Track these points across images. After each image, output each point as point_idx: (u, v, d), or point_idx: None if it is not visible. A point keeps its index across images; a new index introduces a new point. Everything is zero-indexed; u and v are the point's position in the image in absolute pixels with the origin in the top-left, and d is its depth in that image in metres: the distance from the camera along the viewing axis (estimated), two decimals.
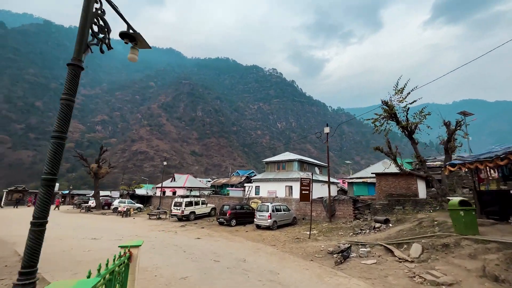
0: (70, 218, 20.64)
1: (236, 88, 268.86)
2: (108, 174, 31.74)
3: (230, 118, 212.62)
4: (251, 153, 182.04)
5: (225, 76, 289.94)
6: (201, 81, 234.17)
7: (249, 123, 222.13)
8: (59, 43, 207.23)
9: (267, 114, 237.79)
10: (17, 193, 30.98)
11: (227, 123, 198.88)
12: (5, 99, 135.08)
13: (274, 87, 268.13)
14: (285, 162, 22.92)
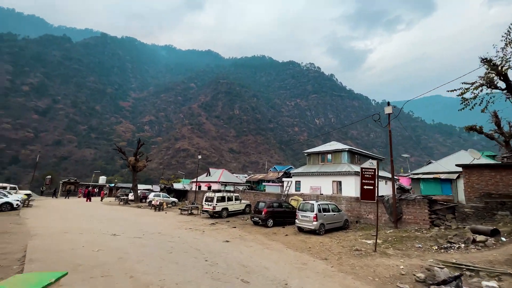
0: (106, 210, 20.72)
1: (273, 85, 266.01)
2: (146, 167, 32.15)
3: (267, 115, 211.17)
4: (288, 150, 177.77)
5: (261, 74, 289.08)
6: (238, 80, 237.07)
7: (286, 120, 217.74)
8: (113, 52, 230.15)
9: (304, 110, 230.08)
10: (70, 185, 33.99)
11: (263, 120, 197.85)
12: (72, 104, 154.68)
13: (312, 82, 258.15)
14: (332, 152, 19.46)
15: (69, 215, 16.62)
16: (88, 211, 19.33)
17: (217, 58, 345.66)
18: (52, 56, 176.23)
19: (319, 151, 20.34)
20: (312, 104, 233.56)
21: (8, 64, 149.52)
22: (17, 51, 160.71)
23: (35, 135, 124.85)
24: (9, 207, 17.57)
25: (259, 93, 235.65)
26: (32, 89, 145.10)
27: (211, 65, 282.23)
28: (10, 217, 14.29)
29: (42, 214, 16.39)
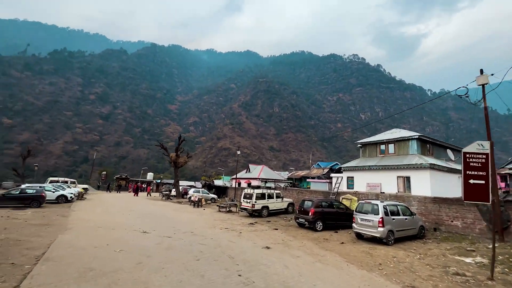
0: (148, 205, 20.81)
1: (313, 81, 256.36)
2: (192, 166, 32.71)
3: (307, 112, 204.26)
4: (331, 147, 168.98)
5: (301, 70, 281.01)
6: (276, 77, 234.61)
7: (327, 116, 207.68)
8: (161, 60, 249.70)
9: (348, 105, 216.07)
10: (121, 180, 36.75)
11: (304, 117, 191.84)
12: (128, 109, 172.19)
13: (356, 75, 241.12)
14: (395, 141, 15.76)
15: (113, 208, 16.95)
16: (131, 205, 19.72)
17: (255, 58, 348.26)
18: (112, 67, 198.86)
19: (378, 140, 16.92)
20: (356, 98, 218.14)
21: (78, 77, 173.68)
22: (85, 65, 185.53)
23: (100, 137, 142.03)
24: (64, 199, 18.81)
25: (299, 90, 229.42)
26: (97, 98, 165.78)
27: (250, 65, 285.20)
28: (60, 209, 15.06)
29: (89, 207, 17.05)
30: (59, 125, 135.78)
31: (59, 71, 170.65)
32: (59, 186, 21.49)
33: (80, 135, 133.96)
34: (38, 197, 15.69)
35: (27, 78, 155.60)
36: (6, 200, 14.99)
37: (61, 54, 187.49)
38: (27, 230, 8.76)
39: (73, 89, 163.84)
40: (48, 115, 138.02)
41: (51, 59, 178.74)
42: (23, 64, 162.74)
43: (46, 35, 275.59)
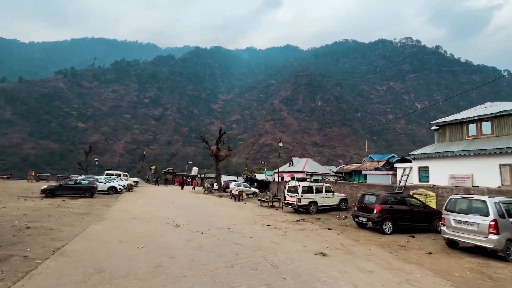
0: (189, 197, 20.78)
1: (358, 70, 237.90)
2: (230, 158, 32.28)
3: (353, 104, 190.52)
4: (381, 141, 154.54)
5: (345, 60, 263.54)
6: (318, 70, 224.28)
7: (376, 107, 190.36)
8: (205, 62, 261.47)
9: (400, 94, 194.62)
10: (169, 174, 38.56)
11: (349, 110, 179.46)
12: (177, 110, 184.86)
13: (409, 60, 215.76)
14: (493, 118, 11.71)
15: (155, 200, 17.11)
16: (174, 197, 19.87)
17: (295, 51, 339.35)
18: (162, 72, 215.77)
19: (465, 118, 12.91)
20: (410, 85, 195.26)
21: (134, 83, 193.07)
22: (139, 73, 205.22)
23: (154, 137, 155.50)
24: (114, 190, 19.84)
25: (343, 81, 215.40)
26: (150, 101, 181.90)
27: (290, 59, 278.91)
28: (108, 200, 15.64)
29: (133, 198, 17.51)
30: (120, 127, 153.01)
31: (119, 79, 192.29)
32: (111, 178, 22.74)
33: (138, 135, 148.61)
34: (90, 188, 16.49)
35: (95, 87, 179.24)
36: (63, 189, 16.07)
37: (120, 64, 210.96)
38: (66, 219, 8.65)
39: (131, 94, 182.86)
40: (112, 118, 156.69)
41: (112, 69, 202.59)
42: (92, 75, 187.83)
43: (109, 49, 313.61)
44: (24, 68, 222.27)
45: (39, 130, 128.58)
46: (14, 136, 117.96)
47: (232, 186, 23.95)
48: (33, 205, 11.83)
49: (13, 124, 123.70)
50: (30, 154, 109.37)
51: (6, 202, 12.76)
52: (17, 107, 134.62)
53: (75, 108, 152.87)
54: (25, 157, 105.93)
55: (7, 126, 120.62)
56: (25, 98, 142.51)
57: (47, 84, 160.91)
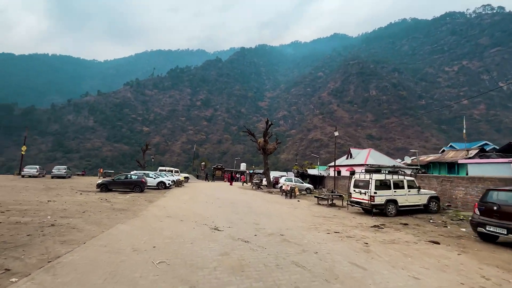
0: (236, 193, 19.95)
1: (420, 52, 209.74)
2: (276, 150, 31.65)
3: (415, 91, 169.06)
4: (453, 130, 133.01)
5: (403, 42, 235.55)
6: (371, 56, 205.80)
7: (445, 92, 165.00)
8: (250, 61, 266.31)
9: (477, 74, 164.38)
10: (218, 170, 40.39)
11: (410, 97, 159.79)
12: (225, 110, 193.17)
13: (489, 32, 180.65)
14: None
15: (200, 196, 17.10)
16: (220, 193, 19.46)
17: (344, 40, 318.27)
18: (211, 76, 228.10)
19: None
20: (491, 62, 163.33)
21: (187, 88, 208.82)
22: (191, 78, 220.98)
23: (206, 136, 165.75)
24: (163, 185, 20.42)
25: (402, 66, 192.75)
26: (202, 103, 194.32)
27: (338, 49, 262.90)
28: (154, 194, 16.35)
29: (179, 194, 17.89)
30: (177, 129, 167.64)
31: (175, 85, 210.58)
32: (162, 173, 24.22)
33: (192, 136, 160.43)
34: (139, 183, 16.94)
35: (155, 94, 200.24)
36: (115, 184, 16.85)
37: (175, 71, 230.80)
38: (99, 215, 8.82)
39: (185, 98, 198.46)
40: (170, 121, 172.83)
41: (169, 77, 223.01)
42: (152, 84, 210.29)
43: (165, 59, 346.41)
44: (101, 83, 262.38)
45: (113, 135, 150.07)
46: (95, 140, 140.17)
47: (282, 181, 22.62)
48: (81, 199, 12.55)
49: (95, 131, 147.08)
50: (107, 156, 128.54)
51: (62, 195, 13.66)
52: (97, 116, 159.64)
53: (140, 114, 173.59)
54: (104, 158, 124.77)
55: (91, 133, 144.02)
56: (102, 108, 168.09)
57: (118, 95, 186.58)
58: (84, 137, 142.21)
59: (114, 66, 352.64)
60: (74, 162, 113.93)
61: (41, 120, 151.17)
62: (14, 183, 20.13)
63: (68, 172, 30.90)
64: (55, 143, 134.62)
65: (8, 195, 13.10)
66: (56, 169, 29.58)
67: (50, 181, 24.51)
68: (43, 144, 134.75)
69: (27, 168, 29.03)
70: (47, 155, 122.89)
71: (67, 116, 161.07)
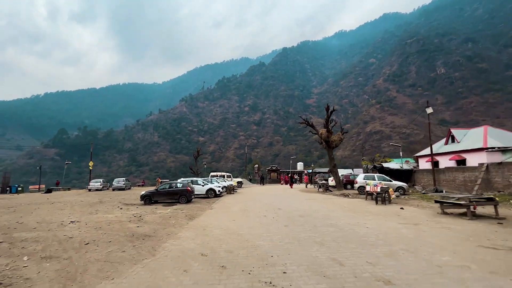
0: (301, 200, 16.19)
1: (501, 13, 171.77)
2: (342, 143, 25.38)
3: (500, 60, 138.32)
4: None
5: (475, 5, 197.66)
6: (433, 30, 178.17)
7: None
8: (293, 60, 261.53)
9: None
10: (273, 172, 38.44)
11: (494, 69, 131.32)
12: (273, 112, 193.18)
13: None
14: None
15: (256, 206, 13.31)
16: (280, 200, 16.10)
17: (396, 19, 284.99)
18: (256, 80, 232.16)
19: None
20: None
21: (235, 95, 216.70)
22: (238, 85, 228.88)
23: (257, 140, 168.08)
24: (213, 193, 18.14)
25: (477, 34, 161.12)
26: (250, 109, 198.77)
27: (390, 29, 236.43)
28: (201, 206, 14.10)
29: (230, 203, 15.16)
30: (229, 136, 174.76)
31: (223, 95, 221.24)
32: (213, 179, 22.75)
33: (243, 141, 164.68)
34: (184, 192, 14.74)
35: (207, 106, 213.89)
36: (159, 195, 15.03)
37: (222, 82, 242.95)
38: (95, 255, 5.80)
39: (233, 106, 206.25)
40: (222, 129, 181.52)
41: (217, 88, 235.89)
42: (203, 96, 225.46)
43: (212, 72, 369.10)
44: (162, 102, 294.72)
45: (175, 147, 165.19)
46: (160, 154, 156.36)
47: (360, 181, 18.20)
48: (110, 218, 10.32)
49: (159, 145, 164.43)
50: (171, 166, 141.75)
51: (98, 212, 12.03)
52: (160, 132, 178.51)
53: (195, 126, 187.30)
54: (169, 169, 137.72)
55: (156, 147, 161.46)
56: (164, 124, 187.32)
57: (176, 111, 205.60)
58: (151, 151, 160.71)
59: (171, 86, 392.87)
60: (145, 174, 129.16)
61: (118, 140, 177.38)
62: (75, 198, 19.98)
63: (127, 183, 31.42)
64: (129, 158, 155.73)
65: (43, 213, 12.05)
66: (116, 181, 30.34)
67: (110, 193, 24.58)
68: (121, 161, 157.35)
69: (93, 182, 30.49)
70: (125, 169, 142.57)
71: (137, 134, 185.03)
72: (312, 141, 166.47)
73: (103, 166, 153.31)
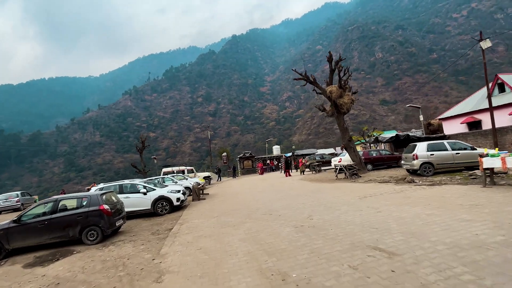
0: (315, 197, 9.78)
1: (423, 3, 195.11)
2: (353, 106, 17.58)
3: (425, 45, 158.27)
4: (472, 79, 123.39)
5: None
6: (370, 18, 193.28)
7: (457, 40, 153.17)
8: (244, 48, 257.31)
9: (490, 15, 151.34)
10: (247, 160, 33.68)
11: (421, 53, 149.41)
12: (228, 101, 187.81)
13: None
14: None
15: (252, 226, 6.57)
16: (287, 202, 9.36)
17: (336, 7, 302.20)
18: (207, 70, 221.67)
19: None
20: None
21: (186, 86, 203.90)
22: (188, 75, 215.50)
23: (214, 131, 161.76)
24: (168, 206, 10.25)
25: (405, 21, 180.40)
26: (203, 99, 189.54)
27: (332, 18, 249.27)
28: (135, 249, 6.03)
29: (200, 227, 7.31)
30: (183, 129, 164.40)
31: (173, 86, 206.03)
32: (167, 178, 15.70)
33: (199, 133, 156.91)
34: (93, 218, 6.86)
35: (155, 98, 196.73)
36: (25, 233, 6.77)
37: (170, 72, 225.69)
38: None
39: (185, 97, 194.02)
40: (175, 123, 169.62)
41: (165, 79, 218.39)
42: (150, 88, 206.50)
43: (158, 62, 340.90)
44: (101, 97, 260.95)
45: (122, 146, 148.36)
46: (106, 154, 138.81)
47: (423, 154, 11.23)
48: None
49: (103, 145, 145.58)
50: (120, 168, 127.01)
51: None
52: (102, 130, 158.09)
53: (144, 121, 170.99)
54: (117, 171, 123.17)
55: (99, 147, 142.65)
56: (106, 121, 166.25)
57: (119, 106, 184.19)
58: (93, 153, 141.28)
59: (110, 78, 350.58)
60: (88, 179, 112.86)
61: (49, 143, 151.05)
62: None
63: (27, 200, 20.59)
64: (66, 163, 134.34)
65: None
66: (2, 198, 19.32)
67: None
68: (56, 167, 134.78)
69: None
70: (61, 176, 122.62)
71: (73, 135, 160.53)
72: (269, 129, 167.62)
73: (32, 175, 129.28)
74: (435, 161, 11.35)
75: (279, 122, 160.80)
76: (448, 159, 11.32)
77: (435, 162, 11.33)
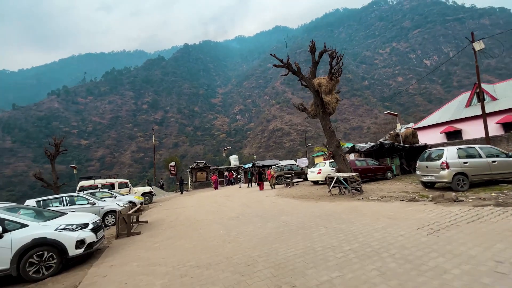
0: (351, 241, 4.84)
1: (356, 38, 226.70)
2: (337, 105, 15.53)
3: (358, 73, 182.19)
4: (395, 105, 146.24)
5: (339, 30, 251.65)
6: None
7: (383, 72, 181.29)
8: (196, 58, 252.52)
9: (406, 54, 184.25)
10: (200, 172, 29.01)
11: (356, 79, 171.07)
12: (177, 111, 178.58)
13: (409, 16, 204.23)
14: None
15: None
16: (287, 243, 5.04)
17: (286, 31, 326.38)
18: (155, 76, 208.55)
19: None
20: (415, 43, 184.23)
21: (129, 91, 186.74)
22: (132, 80, 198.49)
23: (160, 141, 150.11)
24: (55, 260, 5.02)
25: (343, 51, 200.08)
26: (149, 106, 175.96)
27: (282, 40, 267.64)
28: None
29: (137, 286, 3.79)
30: (124, 137, 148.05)
31: (114, 89, 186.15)
32: (81, 198, 10.25)
33: (143, 143, 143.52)
34: None
35: (91, 102, 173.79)
36: None
37: (111, 74, 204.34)
38: None
39: (128, 102, 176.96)
40: (113, 130, 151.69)
41: (105, 81, 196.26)
42: (85, 90, 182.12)
43: (97, 62, 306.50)
44: (18, 95, 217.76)
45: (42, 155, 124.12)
46: (18, 164, 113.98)
47: (455, 161, 8.69)
48: None
49: (15, 153, 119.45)
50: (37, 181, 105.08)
51: None
52: (16, 135, 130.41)
53: (74, 126, 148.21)
54: (33, 185, 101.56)
55: (9, 156, 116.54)
56: (22, 124, 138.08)
57: (42, 107, 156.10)
58: (1, 162, 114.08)
59: (33, 75, 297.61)
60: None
61: None
62: None
63: None
64: None
65: None
66: None
67: None
68: None
69: None
70: None
71: None
72: (220, 140, 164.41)
73: None
74: (470, 171, 8.64)
75: (230, 134, 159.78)
76: (484, 169, 8.75)
77: (469, 173, 8.62)
